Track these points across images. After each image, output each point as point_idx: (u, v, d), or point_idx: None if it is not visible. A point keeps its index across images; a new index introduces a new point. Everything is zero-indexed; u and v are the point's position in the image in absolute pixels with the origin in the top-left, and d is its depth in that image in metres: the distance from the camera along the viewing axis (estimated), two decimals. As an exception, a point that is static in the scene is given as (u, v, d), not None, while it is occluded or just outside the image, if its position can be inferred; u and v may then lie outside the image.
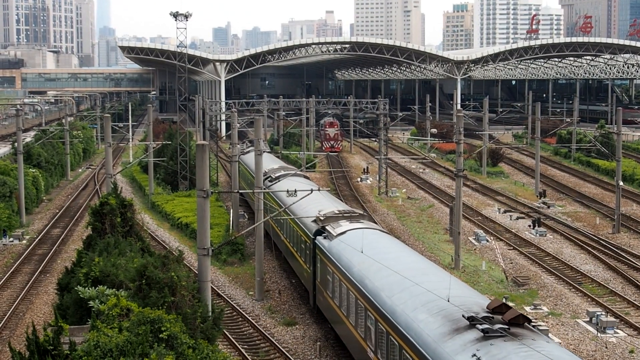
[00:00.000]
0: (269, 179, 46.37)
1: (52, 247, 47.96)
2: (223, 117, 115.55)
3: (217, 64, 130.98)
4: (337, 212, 33.52)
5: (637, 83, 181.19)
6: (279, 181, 45.41)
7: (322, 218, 32.71)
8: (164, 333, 18.40)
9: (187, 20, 66.83)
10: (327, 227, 31.70)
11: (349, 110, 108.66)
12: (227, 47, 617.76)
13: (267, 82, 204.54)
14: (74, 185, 76.19)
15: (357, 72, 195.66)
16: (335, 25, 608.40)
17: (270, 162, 53.57)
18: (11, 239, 50.04)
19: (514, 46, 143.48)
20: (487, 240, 48.52)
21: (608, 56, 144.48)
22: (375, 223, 37.05)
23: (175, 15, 66.55)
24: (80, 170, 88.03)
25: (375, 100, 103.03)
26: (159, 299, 21.20)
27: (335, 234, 30.21)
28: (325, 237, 30.90)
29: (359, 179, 77.26)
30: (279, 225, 41.90)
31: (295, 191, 27.63)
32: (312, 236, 32.19)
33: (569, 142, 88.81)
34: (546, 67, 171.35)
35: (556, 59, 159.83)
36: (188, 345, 18.53)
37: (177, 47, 71.57)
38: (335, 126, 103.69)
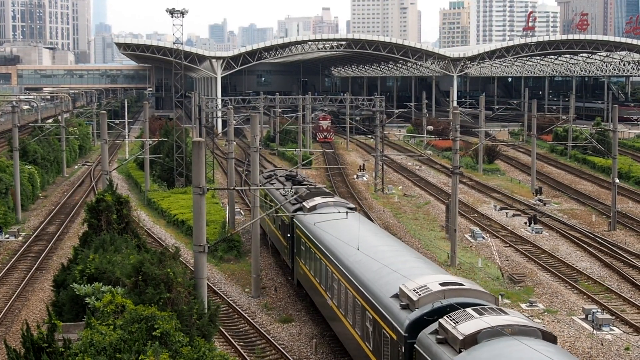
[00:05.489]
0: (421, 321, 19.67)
1: (48, 243, 47.86)
2: (219, 114, 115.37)
3: (214, 60, 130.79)
4: None
5: (633, 80, 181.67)
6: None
7: None
8: (157, 331, 18.35)
9: (183, 16, 66.81)
10: None
11: (345, 107, 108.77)
12: (224, 43, 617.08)
13: (263, 79, 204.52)
14: (70, 182, 76.06)
15: (354, 69, 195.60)
16: (331, 22, 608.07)
17: (374, 243, 27.69)
18: (7, 236, 49.93)
19: (510, 43, 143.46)
20: (483, 238, 48.53)
21: (604, 53, 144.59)
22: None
23: (172, 12, 66.53)
24: (76, 167, 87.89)
25: (372, 97, 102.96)
26: (155, 295, 21.19)
27: None
28: None
29: (355, 176, 77.24)
30: None
31: None
32: None
33: (565, 140, 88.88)
34: (542, 65, 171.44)
35: (552, 57, 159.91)
36: (182, 343, 18.45)
37: (174, 43, 71.60)
38: (328, 119, 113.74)
